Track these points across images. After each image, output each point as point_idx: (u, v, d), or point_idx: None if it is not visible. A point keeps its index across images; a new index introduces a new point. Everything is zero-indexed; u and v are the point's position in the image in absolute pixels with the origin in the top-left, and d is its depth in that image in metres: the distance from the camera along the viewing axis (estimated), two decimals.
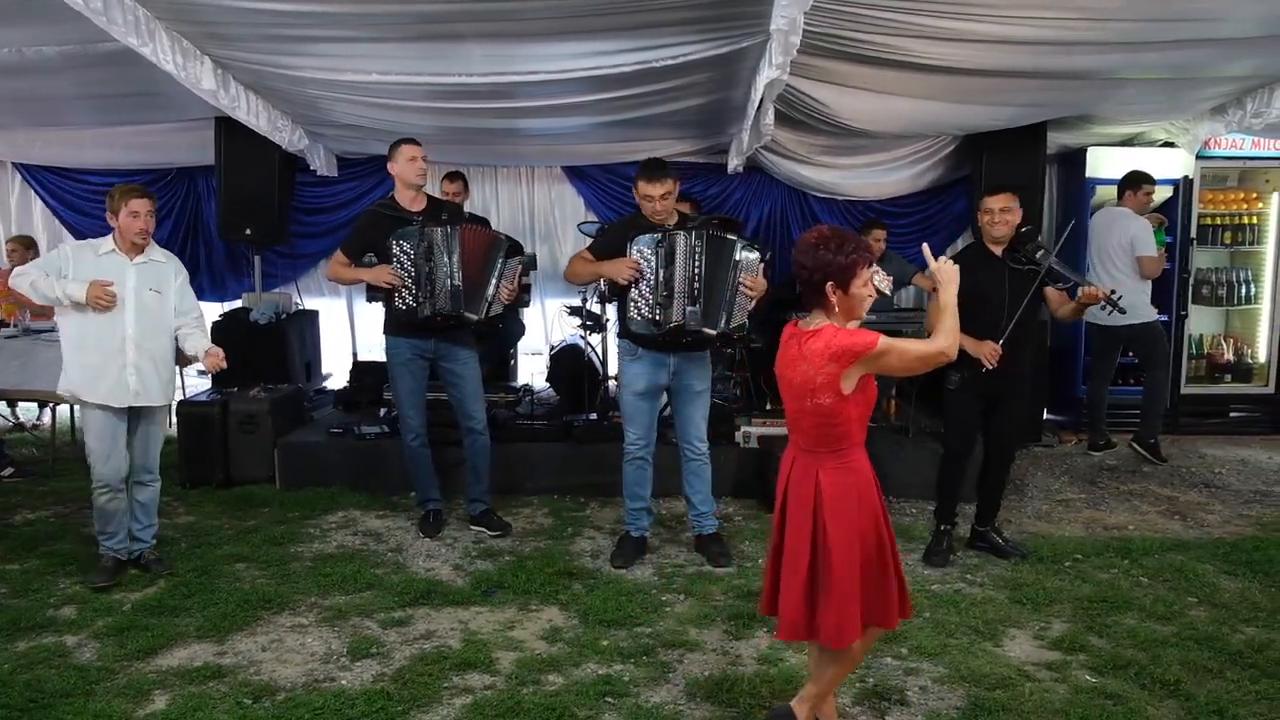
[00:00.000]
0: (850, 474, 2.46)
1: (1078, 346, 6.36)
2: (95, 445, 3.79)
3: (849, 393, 2.40)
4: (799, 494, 2.49)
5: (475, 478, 4.47)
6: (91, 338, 3.74)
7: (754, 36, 4.17)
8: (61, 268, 3.73)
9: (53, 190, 6.95)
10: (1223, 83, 5.09)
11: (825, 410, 2.41)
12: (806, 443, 2.50)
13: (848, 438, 2.45)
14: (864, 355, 2.36)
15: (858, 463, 2.48)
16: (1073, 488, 5.27)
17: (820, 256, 2.40)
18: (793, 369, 2.48)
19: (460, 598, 3.70)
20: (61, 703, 2.88)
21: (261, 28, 4.22)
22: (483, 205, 6.94)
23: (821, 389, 2.39)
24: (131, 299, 3.77)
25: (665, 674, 3.08)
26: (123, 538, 3.91)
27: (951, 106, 5.22)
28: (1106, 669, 3.11)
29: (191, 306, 4.00)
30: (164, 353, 3.90)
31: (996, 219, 3.92)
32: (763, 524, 4.62)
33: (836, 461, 2.45)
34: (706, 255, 3.87)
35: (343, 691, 2.95)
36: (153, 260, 3.86)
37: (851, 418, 2.43)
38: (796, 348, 2.48)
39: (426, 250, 4.13)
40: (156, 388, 3.85)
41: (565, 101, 5.10)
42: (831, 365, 2.37)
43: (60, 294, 3.67)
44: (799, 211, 6.91)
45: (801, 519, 2.46)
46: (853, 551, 2.42)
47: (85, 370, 3.74)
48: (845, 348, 2.36)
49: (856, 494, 2.45)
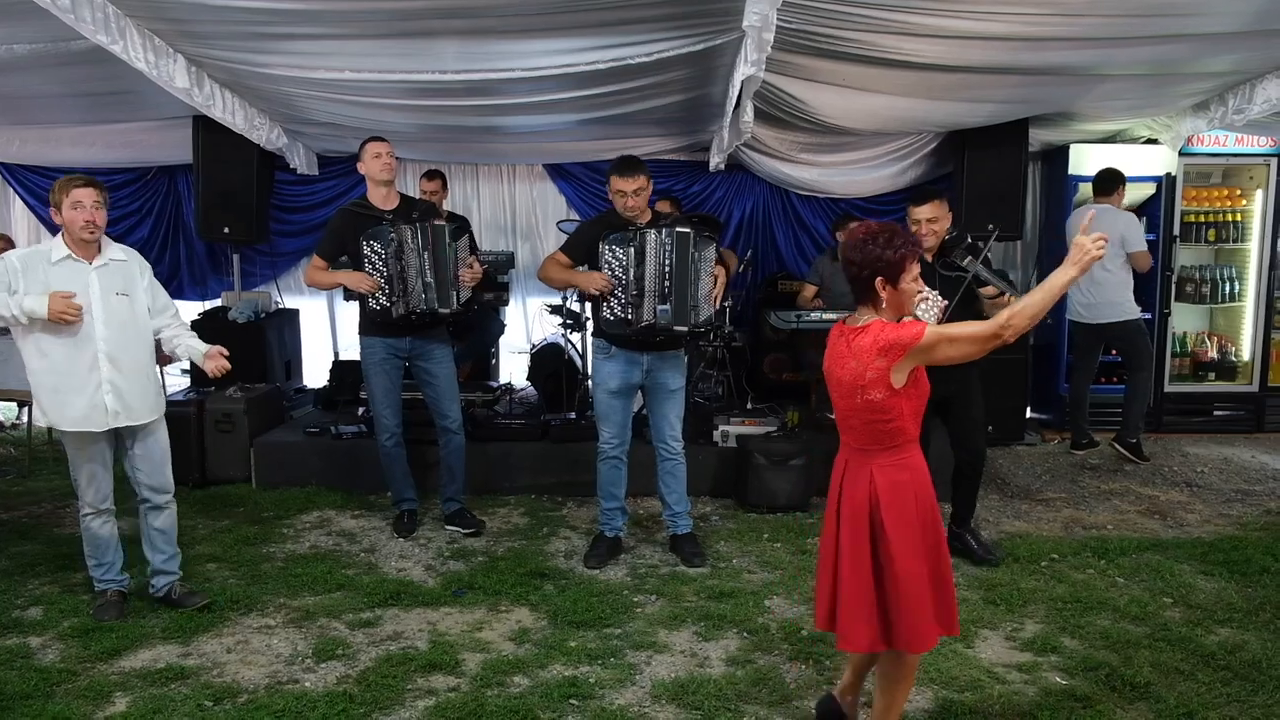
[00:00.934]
0: (905, 471, 2.43)
1: (1060, 344, 6.35)
2: (80, 471, 3.42)
3: (900, 387, 2.38)
4: (853, 497, 2.45)
5: (450, 477, 4.44)
6: (58, 358, 3.31)
7: (729, 33, 4.15)
8: (10, 283, 3.25)
9: (31, 189, 6.90)
10: (1204, 79, 5.07)
11: (877, 406, 2.39)
12: (858, 441, 2.48)
13: (902, 433, 2.43)
14: (912, 347, 2.34)
15: (913, 459, 2.46)
16: (1053, 487, 5.25)
17: (870, 251, 2.39)
18: (841, 366, 2.46)
19: (430, 598, 3.67)
20: (20, 704, 2.86)
21: (233, 25, 4.18)
22: (464, 203, 6.91)
23: (872, 384, 2.38)
24: (98, 307, 3.33)
25: (632, 675, 3.06)
26: (120, 568, 3.56)
27: (929, 103, 5.20)
28: (1077, 670, 3.09)
29: (166, 304, 3.60)
30: (143, 363, 3.47)
31: (924, 230, 3.77)
32: (740, 524, 4.61)
33: (891, 459, 2.43)
34: (675, 252, 3.85)
35: (305, 693, 2.93)
36: (113, 260, 3.42)
37: (904, 412, 2.41)
38: (844, 345, 2.47)
39: (397, 249, 4.10)
40: (140, 404, 3.42)
41: (543, 99, 5.08)
42: (880, 360, 2.35)
43: (16, 312, 3.20)
44: (781, 209, 6.89)
45: (859, 524, 2.43)
46: (917, 551, 2.39)
47: (55, 395, 3.33)
48: (893, 341, 2.35)
49: (914, 492, 2.43)
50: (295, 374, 6.72)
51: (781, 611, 3.56)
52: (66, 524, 4.58)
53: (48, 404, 3.37)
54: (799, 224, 6.93)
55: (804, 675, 3.07)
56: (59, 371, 3.32)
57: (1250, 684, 2.99)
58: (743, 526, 4.56)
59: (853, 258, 2.43)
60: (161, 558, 3.58)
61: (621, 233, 3.88)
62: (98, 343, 3.34)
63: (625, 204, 3.89)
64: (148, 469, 3.52)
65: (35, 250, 3.42)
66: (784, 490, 4.76)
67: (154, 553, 3.57)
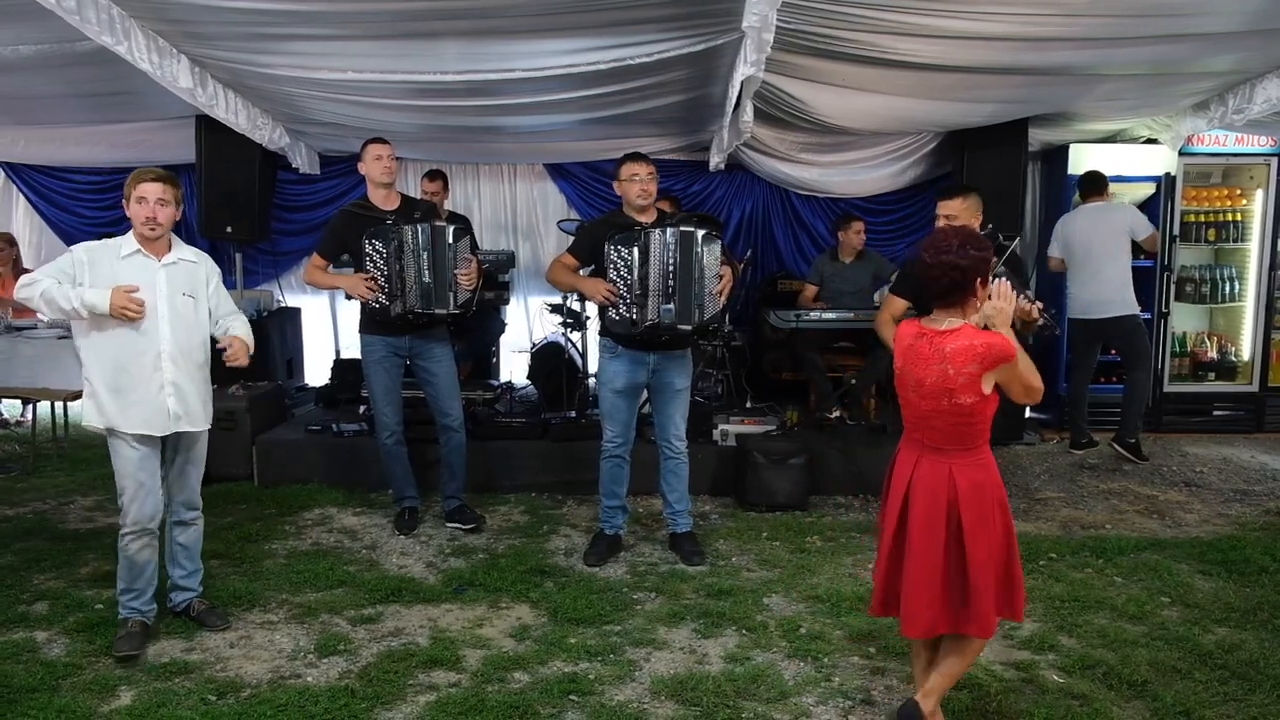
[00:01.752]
0: (983, 470, 2.52)
1: (1059, 343, 6.35)
2: (127, 482, 3.18)
3: (989, 393, 2.46)
4: (928, 492, 2.52)
5: (450, 475, 4.47)
6: (121, 356, 3.14)
7: (729, 34, 4.17)
8: (76, 275, 3.10)
9: (36, 188, 6.94)
10: (1204, 78, 5.08)
11: (965, 410, 2.46)
12: (937, 441, 2.54)
13: (982, 435, 2.52)
14: (1004, 362, 2.42)
15: (987, 458, 2.55)
16: (1052, 486, 5.27)
17: (973, 255, 2.46)
18: (924, 369, 2.50)
19: (431, 595, 3.70)
20: (26, 698, 2.88)
21: (236, 26, 4.21)
22: (465, 203, 6.94)
23: (962, 389, 2.44)
24: (164, 306, 3.18)
25: (631, 672, 3.08)
26: (151, 596, 3.30)
27: (928, 103, 5.22)
28: (1075, 669, 3.11)
29: (231, 309, 3.46)
30: (202, 367, 3.34)
31: (941, 225, 3.84)
32: (739, 522, 4.63)
33: (970, 459, 2.51)
34: (680, 251, 3.86)
35: (308, 688, 2.95)
36: (183, 260, 3.28)
37: (988, 416, 2.51)
38: (928, 347, 2.51)
39: (397, 249, 4.12)
40: (199, 409, 3.31)
41: (544, 99, 5.10)
42: (974, 366, 2.42)
43: (77, 305, 3.04)
44: (780, 209, 6.92)
45: (933, 517, 2.50)
46: (992, 543, 2.48)
47: (116, 395, 3.14)
48: (990, 350, 2.41)
49: (991, 490, 2.51)
50: (297, 372, 6.75)
51: (780, 609, 3.58)
52: (71, 520, 4.61)
53: (108, 405, 3.15)
54: (799, 223, 6.95)
55: (802, 672, 3.09)
56: (121, 370, 3.14)
57: (1247, 683, 3.00)
58: (742, 525, 4.58)
59: (957, 262, 2.45)
60: (182, 573, 3.43)
61: (626, 233, 3.90)
62: (161, 342, 3.18)
63: (641, 189, 3.88)
64: (182, 482, 3.37)
65: (105, 243, 3.23)
66: (783, 489, 4.78)
67: (175, 568, 3.42)
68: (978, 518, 2.48)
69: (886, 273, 6.00)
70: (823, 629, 3.40)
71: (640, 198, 3.91)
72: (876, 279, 6.00)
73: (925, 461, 2.55)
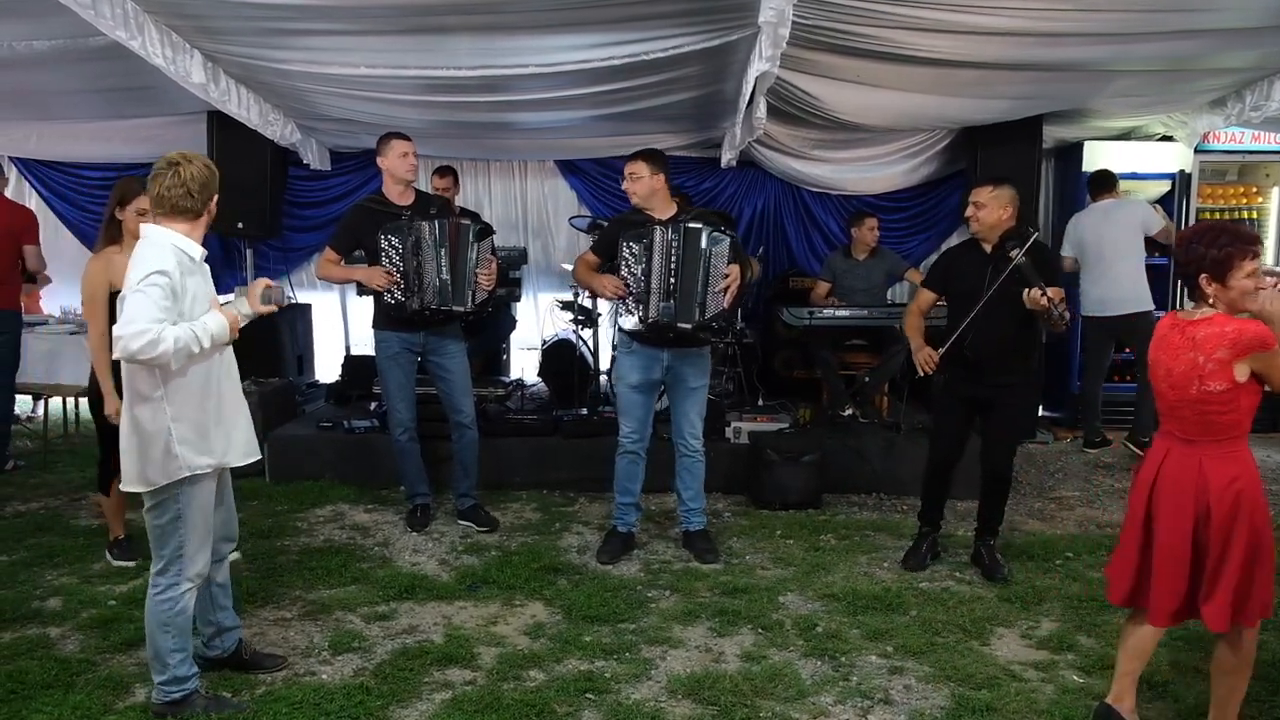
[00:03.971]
0: (1235, 464, 2.46)
1: (1073, 341, 6.32)
2: (197, 531, 2.67)
3: (1242, 381, 2.40)
4: (1175, 483, 2.50)
5: (463, 472, 4.45)
6: (212, 380, 2.66)
7: (744, 29, 4.14)
8: (176, 293, 2.52)
9: (48, 184, 6.95)
10: (1220, 75, 5.04)
11: (1215, 397, 2.41)
12: (1186, 432, 2.51)
13: (1236, 426, 2.46)
14: (1259, 349, 2.37)
15: (1242, 453, 2.49)
16: (1066, 485, 5.24)
17: (1193, 250, 2.45)
18: (1174, 358, 2.49)
19: (445, 592, 3.68)
20: (41, 694, 2.87)
21: (249, 21, 4.21)
22: (475, 199, 6.92)
23: (1211, 375, 2.40)
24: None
25: (647, 670, 3.06)
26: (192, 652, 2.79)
27: (942, 99, 5.19)
28: (1094, 669, 3.08)
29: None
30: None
31: (969, 212, 3.86)
32: (752, 520, 4.61)
33: (1220, 451, 2.46)
34: (683, 249, 3.84)
35: (322, 685, 2.94)
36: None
37: (1241, 406, 2.43)
38: (1179, 336, 2.50)
39: (414, 245, 4.11)
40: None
41: (556, 95, 5.08)
42: (1223, 351, 2.38)
43: (205, 342, 2.54)
44: (793, 206, 6.89)
45: (1181, 509, 2.48)
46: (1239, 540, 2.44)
47: (219, 427, 2.69)
48: (1240, 334, 2.37)
49: (1244, 486, 2.45)
50: (307, 368, 6.75)
51: (796, 608, 3.56)
52: (83, 516, 4.61)
53: (215, 440, 2.67)
54: (811, 221, 6.92)
55: (819, 671, 3.07)
56: (221, 397, 2.71)
57: (1269, 684, 2.97)
58: (755, 523, 4.57)
59: (1179, 257, 2.50)
60: (226, 614, 2.99)
61: (637, 230, 3.89)
62: (230, 353, 2.77)
63: (625, 187, 3.94)
64: (227, 517, 2.92)
65: (173, 246, 2.58)
66: (796, 487, 4.76)
67: (217, 610, 2.95)
68: (1226, 512, 2.43)
69: (900, 270, 5.97)
70: (839, 627, 3.38)
71: (631, 198, 3.94)
72: (889, 276, 5.97)
73: (1175, 453, 2.53)
